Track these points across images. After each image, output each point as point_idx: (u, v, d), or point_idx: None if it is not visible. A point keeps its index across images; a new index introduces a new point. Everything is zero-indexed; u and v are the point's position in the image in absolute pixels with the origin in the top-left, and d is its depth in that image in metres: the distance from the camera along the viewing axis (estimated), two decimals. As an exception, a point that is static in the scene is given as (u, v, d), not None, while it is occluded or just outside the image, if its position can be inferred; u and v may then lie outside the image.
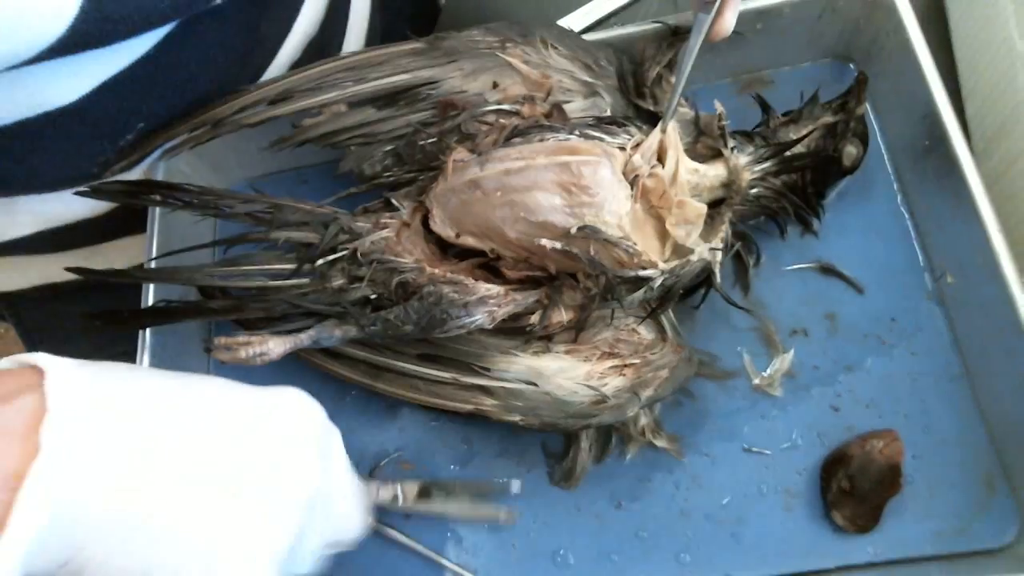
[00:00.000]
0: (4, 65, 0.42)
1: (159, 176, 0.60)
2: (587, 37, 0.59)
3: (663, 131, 0.51)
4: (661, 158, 0.52)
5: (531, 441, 0.56)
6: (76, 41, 0.43)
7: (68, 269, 0.53)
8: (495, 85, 0.57)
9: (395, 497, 0.53)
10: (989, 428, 0.54)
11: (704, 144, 0.55)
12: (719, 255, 0.52)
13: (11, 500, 0.30)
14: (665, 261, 0.51)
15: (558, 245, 0.50)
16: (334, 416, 0.57)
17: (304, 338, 0.51)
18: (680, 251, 0.51)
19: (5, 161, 0.52)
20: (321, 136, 0.57)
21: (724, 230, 0.54)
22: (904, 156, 0.60)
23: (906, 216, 0.59)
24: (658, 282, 0.50)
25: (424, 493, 0.54)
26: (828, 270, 0.58)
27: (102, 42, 0.45)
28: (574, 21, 0.70)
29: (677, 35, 0.58)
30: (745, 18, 0.50)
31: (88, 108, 0.50)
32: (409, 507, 0.54)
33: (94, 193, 0.54)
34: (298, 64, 0.62)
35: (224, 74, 0.56)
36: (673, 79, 0.57)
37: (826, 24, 0.62)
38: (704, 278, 0.53)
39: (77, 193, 0.54)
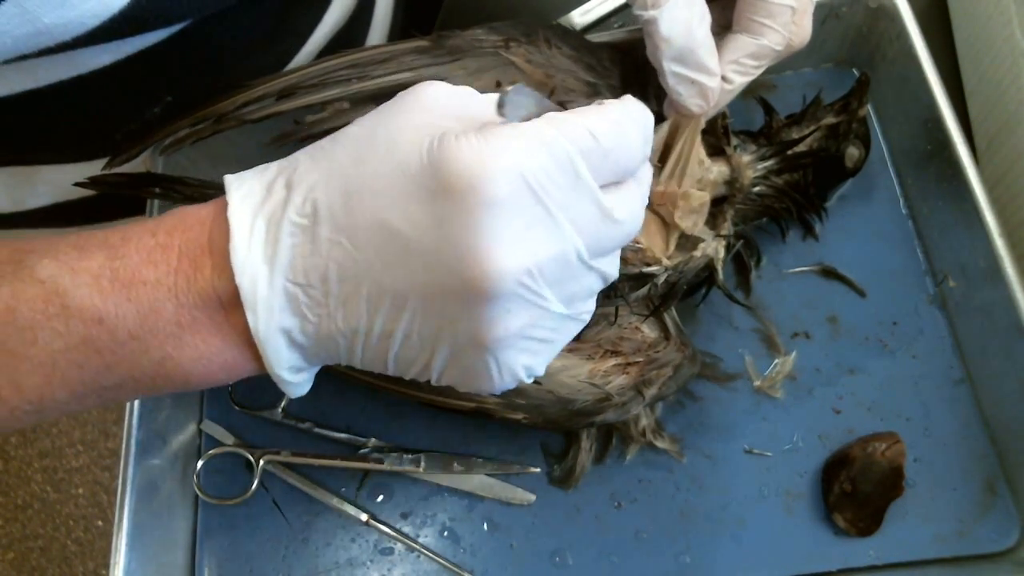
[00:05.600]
0: (57, 38, 0.41)
1: (159, 170, 0.59)
2: (591, 37, 0.59)
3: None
4: (664, 157, 0.52)
5: (531, 441, 0.56)
6: (134, 15, 0.43)
7: None
8: (498, 84, 0.57)
9: None
10: (991, 431, 0.54)
11: (707, 143, 0.55)
12: (721, 251, 0.52)
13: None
14: (669, 257, 0.51)
15: None
16: (333, 414, 0.57)
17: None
18: (684, 247, 0.51)
19: (36, 124, 0.51)
20: (323, 133, 0.57)
21: (727, 228, 0.54)
22: (906, 160, 0.60)
23: (908, 220, 0.60)
24: (662, 278, 0.50)
25: (446, 465, 0.55)
26: (830, 273, 0.59)
27: (154, 23, 0.45)
28: (573, 20, 0.70)
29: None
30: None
31: (121, 75, 0.49)
32: (429, 477, 0.55)
33: (93, 184, 0.54)
34: (324, 56, 0.62)
35: (253, 57, 0.56)
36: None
37: (829, 30, 0.63)
38: (706, 276, 0.53)
39: (76, 184, 0.54)
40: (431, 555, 0.53)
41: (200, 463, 0.56)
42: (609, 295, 0.51)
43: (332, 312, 0.33)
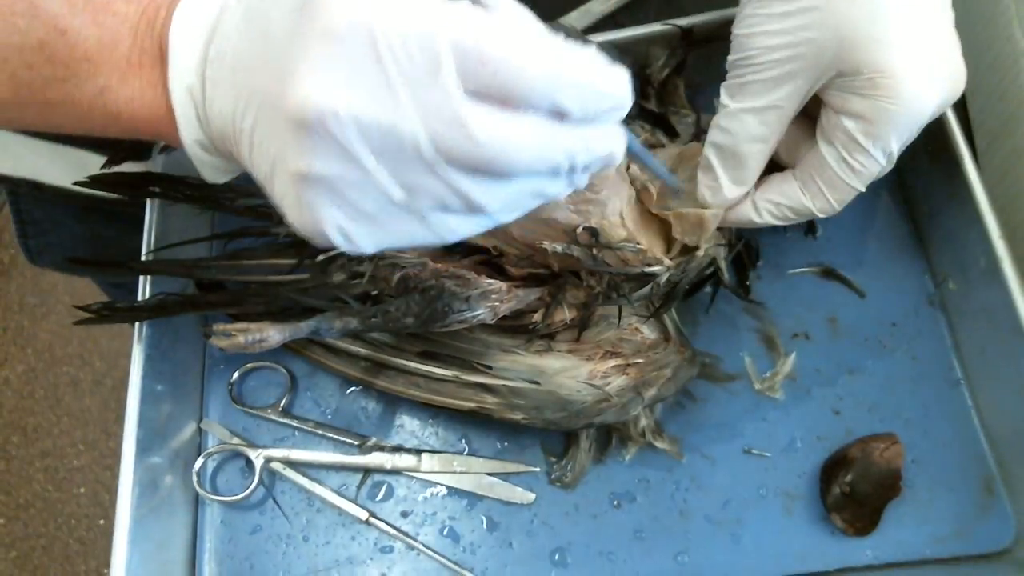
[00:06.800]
0: None
1: (158, 170, 0.59)
2: (593, 38, 0.59)
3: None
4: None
5: (530, 440, 0.56)
6: None
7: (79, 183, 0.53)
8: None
9: None
10: (988, 433, 0.54)
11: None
12: (723, 251, 0.52)
13: None
14: (671, 258, 0.51)
15: (559, 248, 0.50)
16: (333, 413, 0.58)
17: (304, 327, 0.51)
18: (686, 247, 0.51)
19: None
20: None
21: (728, 232, 0.54)
22: (907, 160, 0.60)
23: (908, 220, 0.60)
24: (664, 278, 0.50)
25: (445, 464, 0.55)
26: (830, 274, 0.59)
27: None
28: (573, 20, 0.70)
29: (687, 37, 0.58)
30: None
31: None
32: (429, 476, 0.55)
33: (93, 184, 0.54)
34: None
35: None
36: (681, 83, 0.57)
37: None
38: (709, 274, 0.53)
39: (76, 183, 0.54)
40: (431, 553, 0.54)
41: (200, 461, 0.56)
42: (610, 296, 0.51)
43: (219, 93, 0.34)
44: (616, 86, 0.32)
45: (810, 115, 0.48)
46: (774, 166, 0.50)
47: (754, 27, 0.44)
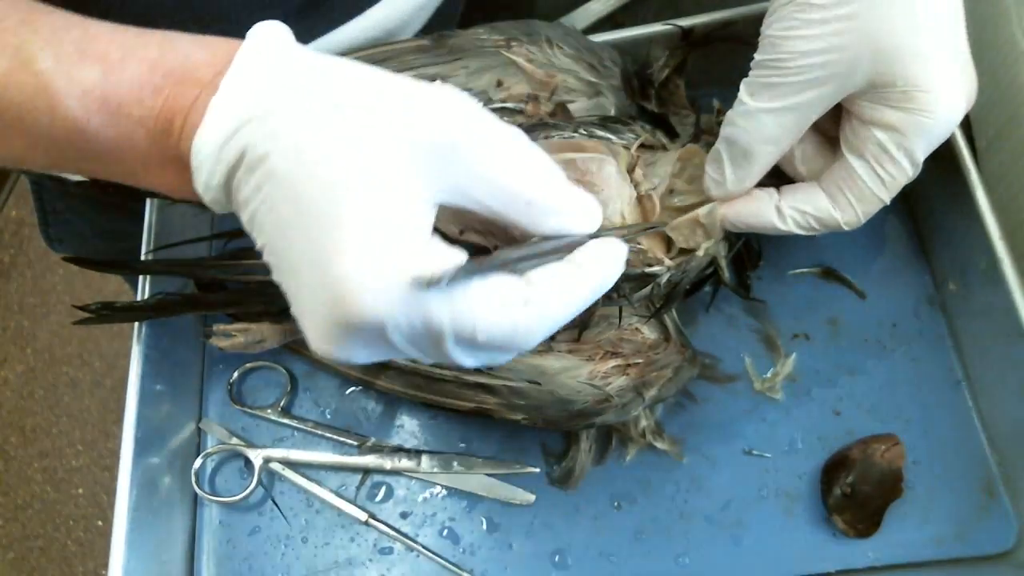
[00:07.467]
0: None
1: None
2: (593, 38, 0.59)
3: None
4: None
5: (530, 441, 0.56)
6: None
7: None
8: (499, 83, 0.57)
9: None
10: (989, 434, 0.54)
11: (705, 143, 0.55)
12: (723, 250, 0.52)
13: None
14: (671, 258, 0.51)
15: None
16: (333, 413, 0.58)
17: (305, 329, 0.51)
18: (687, 249, 0.51)
19: None
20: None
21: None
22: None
23: (908, 221, 0.60)
24: (665, 278, 0.50)
25: (445, 464, 0.55)
26: (830, 274, 0.59)
27: None
28: (573, 20, 0.70)
29: (687, 38, 0.58)
30: (748, 24, 0.51)
31: None
32: (428, 476, 0.55)
33: (93, 183, 0.54)
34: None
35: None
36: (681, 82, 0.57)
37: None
38: (710, 274, 0.53)
39: (77, 183, 0.54)
40: (430, 555, 0.53)
41: (199, 461, 0.56)
42: (612, 296, 0.51)
43: (252, 206, 0.35)
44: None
45: (822, 129, 0.48)
46: (788, 179, 0.50)
47: (789, 31, 0.44)
